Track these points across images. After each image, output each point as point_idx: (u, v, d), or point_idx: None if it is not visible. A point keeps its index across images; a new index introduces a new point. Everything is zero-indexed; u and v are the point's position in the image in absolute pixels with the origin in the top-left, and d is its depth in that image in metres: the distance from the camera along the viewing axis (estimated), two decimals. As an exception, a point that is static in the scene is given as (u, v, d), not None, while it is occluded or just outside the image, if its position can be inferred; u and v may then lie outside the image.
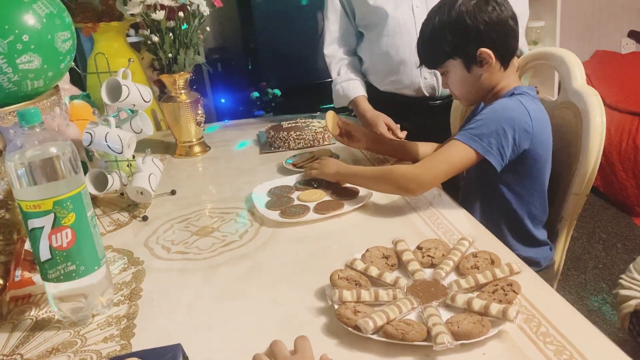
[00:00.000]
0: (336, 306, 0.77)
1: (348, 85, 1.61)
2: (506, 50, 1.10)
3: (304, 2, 2.55)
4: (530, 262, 1.16)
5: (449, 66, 1.14)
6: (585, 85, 1.14)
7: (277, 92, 2.60)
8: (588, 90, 1.12)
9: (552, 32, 2.79)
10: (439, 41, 1.11)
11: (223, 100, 2.54)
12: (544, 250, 1.19)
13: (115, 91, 1.19)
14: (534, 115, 1.05)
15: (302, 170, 1.37)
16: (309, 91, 2.54)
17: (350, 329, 0.72)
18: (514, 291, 0.75)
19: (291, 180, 1.31)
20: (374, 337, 0.70)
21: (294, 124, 1.63)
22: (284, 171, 1.40)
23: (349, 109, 1.69)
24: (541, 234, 1.18)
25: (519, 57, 1.24)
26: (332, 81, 1.69)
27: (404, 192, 1.12)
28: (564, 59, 1.18)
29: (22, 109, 0.74)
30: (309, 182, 1.28)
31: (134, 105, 1.22)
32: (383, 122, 1.47)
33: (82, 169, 0.81)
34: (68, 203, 0.77)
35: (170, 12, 1.45)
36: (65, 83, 1.42)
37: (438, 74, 1.51)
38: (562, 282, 2.27)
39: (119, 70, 1.21)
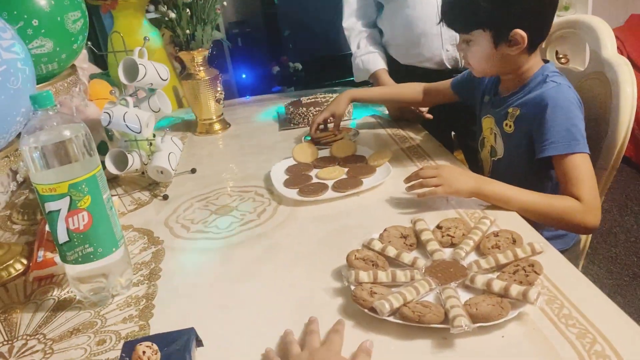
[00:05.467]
0: (352, 287, 0.76)
1: (368, 58, 1.58)
2: (539, 36, 1.03)
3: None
4: (558, 240, 1.13)
5: (476, 36, 1.05)
6: (616, 54, 1.08)
7: (299, 65, 2.57)
8: (618, 60, 1.06)
9: (584, -4, 2.67)
10: (474, 7, 1.01)
11: (244, 76, 2.52)
12: None
13: (132, 70, 1.18)
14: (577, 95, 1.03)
15: (323, 147, 1.35)
16: (332, 64, 2.49)
17: (366, 310, 0.71)
18: (535, 272, 0.73)
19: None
20: (390, 319, 0.69)
21: (313, 100, 1.61)
22: (303, 148, 1.39)
23: (369, 82, 1.65)
24: None
25: None
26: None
27: (582, 230, 1.04)
28: (593, 26, 1.12)
29: (35, 93, 0.74)
30: (329, 159, 1.27)
31: (152, 84, 1.22)
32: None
33: (96, 152, 0.81)
34: (83, 186, 0.77)
35: (187, -13, 1.43)
36: (83, 62, 1.42)
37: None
38: (590, 256, 2.22)
39: (135, 49, 1.20)
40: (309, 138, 1.42)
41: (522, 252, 0.78)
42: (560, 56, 1.23)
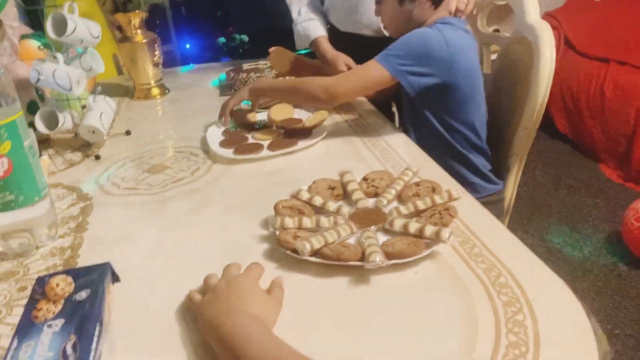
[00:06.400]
0: (277, 232, 0.77)
1: (308, 25, 1.58)
2: None
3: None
4: (474, 188, 1.19)
5: None
6: (539, 19, 1.13)
7: (245, 37, 2.55)
8: (540, 24, 1.11)
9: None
10: None
11: (188, 46, 2.47)
12: (487, 178, 1.21)
13: (61, 26, 1.15)
14: (452, 43, 1.05)
15: (261, 110, 1.36)
16: (278, 36, 2.47)
17: (288, 252, 0.73)
18: (450, 215, 0.77)
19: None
20: (311, 259, 0.71)
21: (254, 66, 1.61)
22: (242, 112, 1.39)
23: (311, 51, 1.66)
24: (480, 160, 1.20)
25: None
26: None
27: (316, 102, 1.14)
28: (518, -7, 1.17)
29: (-53, 33, 0.72)
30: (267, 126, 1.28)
31: (82, 40, 1.19)
32: (343, 62, 1.46)
33: (17, 100, 0.79)
34: (2, 131, 0.75)
35: (123, -55, 1.39)
36: (13, 21, 1.36)
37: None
38: (525, 226, 2.32)
39: (64, 4, 1.17)
40: (248, 102, 1.42)
41: (439, 199, 0.82)
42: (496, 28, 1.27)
